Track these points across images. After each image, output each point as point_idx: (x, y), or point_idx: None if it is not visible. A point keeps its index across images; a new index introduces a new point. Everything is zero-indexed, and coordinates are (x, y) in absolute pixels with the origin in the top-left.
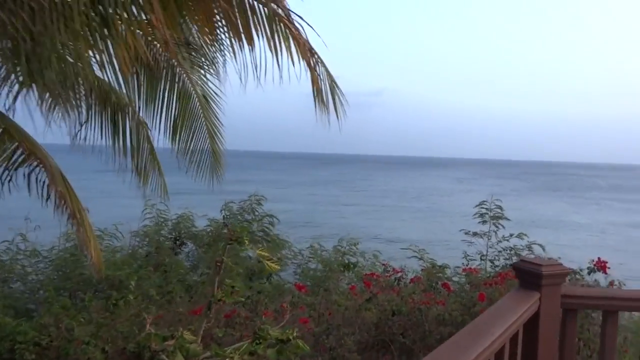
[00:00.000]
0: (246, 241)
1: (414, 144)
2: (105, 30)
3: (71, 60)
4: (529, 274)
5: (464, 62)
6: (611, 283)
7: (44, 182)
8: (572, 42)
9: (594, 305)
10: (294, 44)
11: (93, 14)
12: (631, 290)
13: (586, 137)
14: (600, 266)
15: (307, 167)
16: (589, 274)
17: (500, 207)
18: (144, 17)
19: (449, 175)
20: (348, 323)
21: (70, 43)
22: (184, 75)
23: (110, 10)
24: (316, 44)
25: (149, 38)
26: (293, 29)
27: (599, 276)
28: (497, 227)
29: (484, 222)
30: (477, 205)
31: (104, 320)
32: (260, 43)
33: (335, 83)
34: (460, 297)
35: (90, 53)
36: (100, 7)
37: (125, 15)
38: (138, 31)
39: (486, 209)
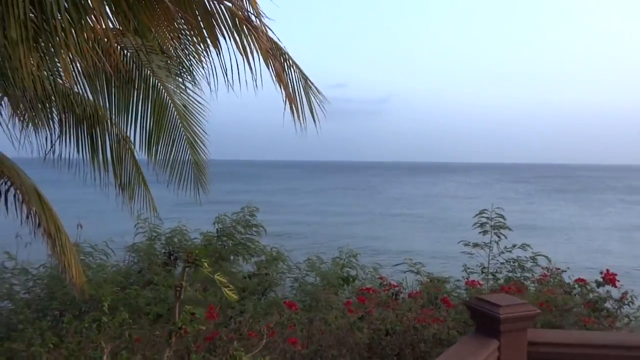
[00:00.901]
0: (205, 264)
1: (426, 149)
2: (45, 38)
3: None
4: (485, 317)
5: (482, 60)
6: (623, 296)
7: (21, 200)
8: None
9: (570, 355)
10: (257, 46)
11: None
12: (613, 335)
13: (604, 138)
14: (609, 279)
15: (311, 176)
16: (598, 287)
17: (502, 216)
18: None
19: (463, 181)
20: (340, 343)
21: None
22: (159, 84)
23: (53, 17)
24: (307, 48)
25: (118, 46)
26: (256, 31)
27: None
28: (499, 237)
29: (485, 232)
30: (477, 215)
31: (76, 346)
32: (228, 45)
33: (312, 85)
34: (460, 313)
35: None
36: (40, 14)
37: (69, 20)
38: (101, 37)
39: (487, 217)
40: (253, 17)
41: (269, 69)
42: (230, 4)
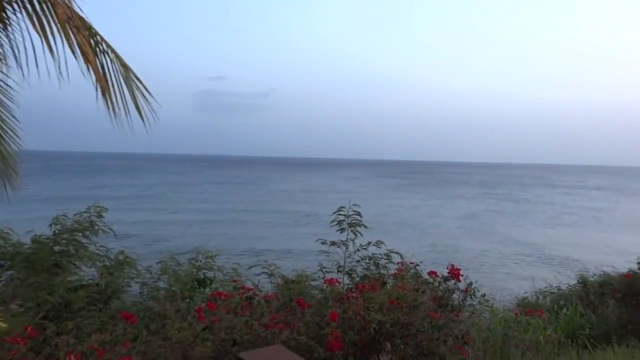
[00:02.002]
0: None
1: (311, 145)
2: None
3: None
4: None
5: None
6: (467, 289)
7: None
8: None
9: None
10: (53, 15)
11: None
12: None
13: (469, 137)
14: (454, 274)
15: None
16: (445, 282)
17: (358, 213)
18: None
19: (340, 176)
20: (185, 357)
21: None
22: None
23: None
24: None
25: None
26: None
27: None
28: (355, 234)
29: (342, 229)
30: (335, 212)
31: None
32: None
33: (134, 78)
34: (312, 316)
35: None
36: None
37: None
38: None
39: (344, 215)
40: None
41: (68, 42)
42: None
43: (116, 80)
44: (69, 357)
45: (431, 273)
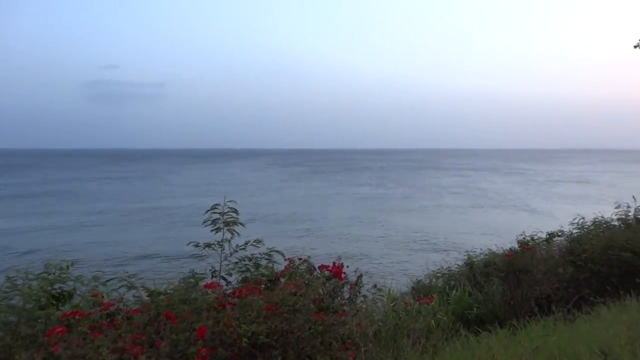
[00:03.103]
0: None
1: (213, 136)
2: None
3: None
4: None
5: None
6: (352, 287)
7: None
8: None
9: None
10: None
11: None
12: None
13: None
14: (336, 272)
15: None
16: (327, 280)
17: (234, 210)
18: None
19: (246, 166)
20: None
21: None
22: None
23: None
24: None
25: None
26: None
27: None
28: (232, 234)
29: (217, 229)
30: (208, 210)
31: None
32: None
33: None
34: (183, 332)
35: None
36: None
37: None
38: None
39: (219, 213)
40: None
41: None
42: None
43: None
44: None
45: (322, 267)
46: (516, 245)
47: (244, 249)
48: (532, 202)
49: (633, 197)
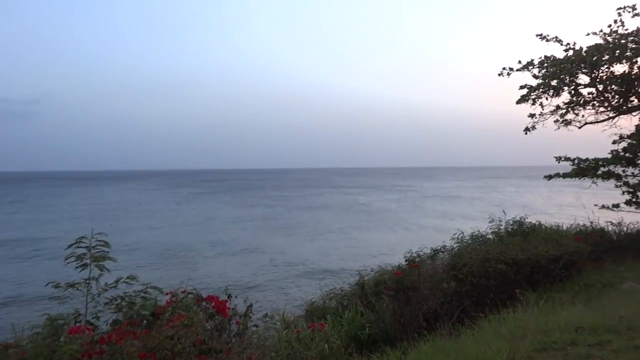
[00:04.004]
0: None
1: (94, 157)
2: None
3: None
4: None
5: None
6: (239, 321)
7: None
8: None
9: None
10: None
11: None
12: None
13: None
14: (219, 308)
15: None
16: (210, 317)
17: (105, 243)
18: None
19: (138, 188)
20: None
21: None
22: None
23: None
24: None
25: None
26: None
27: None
28: (101, 270)
29: (84, 266)
30: (71, 245)
31: None
32: None
33: None
34: None
35: None
36: None
37: None
38: None
39: (86, 247)
40: None
41: None
42: None
43: None
44: None
45: (209, 299)
46: (404, 263)
47: (115, 287)
48: (416, 218)
49: (503, 211)
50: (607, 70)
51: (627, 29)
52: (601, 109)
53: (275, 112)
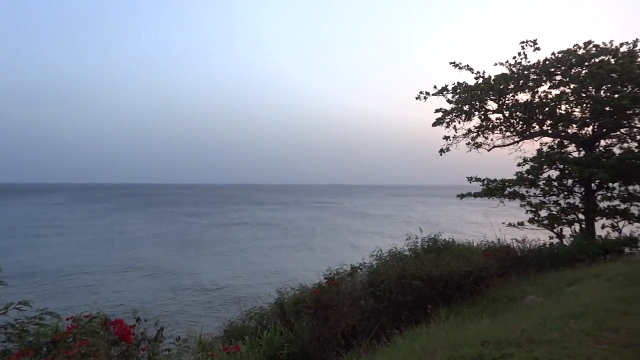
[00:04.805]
0: None
1: None
2: None
3: None
4: None
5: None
6: (145, 347)
7: None
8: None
9: None
10: None
11: None
12: None
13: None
14: (122, 335)
15: None
16: (114, 344)
17: None
18: None
19: (44, 202)
20: None
21: None
22: None
23: None
24: None
25: None
26: None
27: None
28: None
29: None
30: None
31: None
32: None
33: None
34: None
35: None
36: None
37: None
38: None
39: None
40: None
41: None
42: None
43: None
44: None
45: (116, 322)
46: (324, 281)
47: (4, 313)
48: (331, 235)
49: (420, 228)
50: (512, 98)
51: (529, 61)
52: (507, 133)
53: (200, 125)
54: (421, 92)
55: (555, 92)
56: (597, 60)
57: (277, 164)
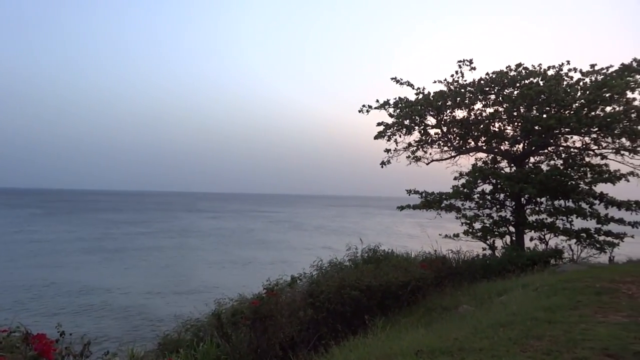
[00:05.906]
0: None
1: None
2: None
3: None
4: None
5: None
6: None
7: None
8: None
9: None
10: None
11: None
12: None
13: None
14: (42, 350)
15: None
16: None
17: None
18: None
19: None
20: None
21: None
22: None
23: None
24: None
25: None
26: None
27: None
28: None
29: None
30: None
31: None
32: None
33: None
34: None
35: None
36: None
37: None
38: None
39: None
40: None
41: None
42: None
43: None
44: None
45: (38, 337)
46: (263, 291)
47: None
48: (268, 244)
49: (360, 239)
50: (450, 114)
51: (465, 80)
52: (445, 148)
53: (141, 130)
54: (364, 106)
55: (489, 110)
56: (526, 82)
57: (225, 172)
